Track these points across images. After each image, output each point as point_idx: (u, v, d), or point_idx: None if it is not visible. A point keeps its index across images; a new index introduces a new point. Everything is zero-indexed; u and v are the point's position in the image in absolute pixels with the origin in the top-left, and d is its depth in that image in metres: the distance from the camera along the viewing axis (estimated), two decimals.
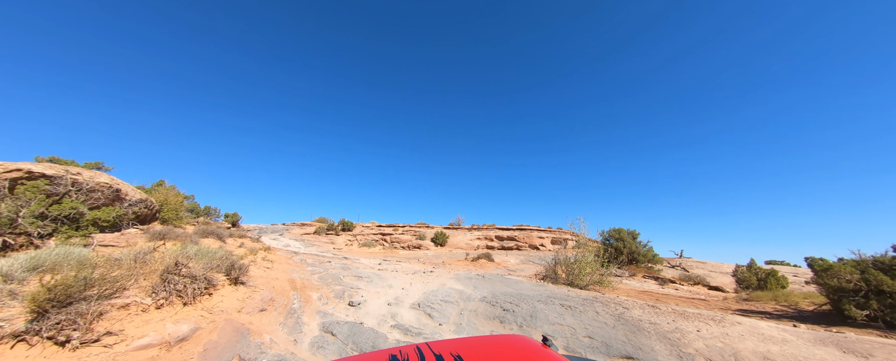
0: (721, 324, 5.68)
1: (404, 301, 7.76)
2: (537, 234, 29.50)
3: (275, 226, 26.53)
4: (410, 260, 20.27)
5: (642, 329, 5.38)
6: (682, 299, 13.14)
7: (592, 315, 6.14)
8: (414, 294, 8.62)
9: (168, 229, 10.47)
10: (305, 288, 7.75)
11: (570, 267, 12.93)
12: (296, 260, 13.94)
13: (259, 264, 10.13)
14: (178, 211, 12.89)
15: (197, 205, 16.82)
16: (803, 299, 11.54)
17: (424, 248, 24.83)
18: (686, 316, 6.10)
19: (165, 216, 12.53)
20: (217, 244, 11.16)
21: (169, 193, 13.23)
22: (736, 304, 11.71)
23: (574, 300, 7.42)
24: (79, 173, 9.24)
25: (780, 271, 20.50)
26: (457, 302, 7.59)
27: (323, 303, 6.81)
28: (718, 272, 26.75)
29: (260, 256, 11.24)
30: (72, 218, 7.15)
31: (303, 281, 8.76)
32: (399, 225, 29.29)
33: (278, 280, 8.19)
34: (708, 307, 11.37)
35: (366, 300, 7.66)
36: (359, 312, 6.66)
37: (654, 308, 6.63)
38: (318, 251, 21.09)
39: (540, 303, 6.96)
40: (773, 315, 9.27)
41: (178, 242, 9.68)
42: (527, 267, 21.60)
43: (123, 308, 3.89)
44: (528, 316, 6.11)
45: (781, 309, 10.29)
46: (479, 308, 7.11)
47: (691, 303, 12.04)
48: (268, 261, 11.02)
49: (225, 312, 4.78)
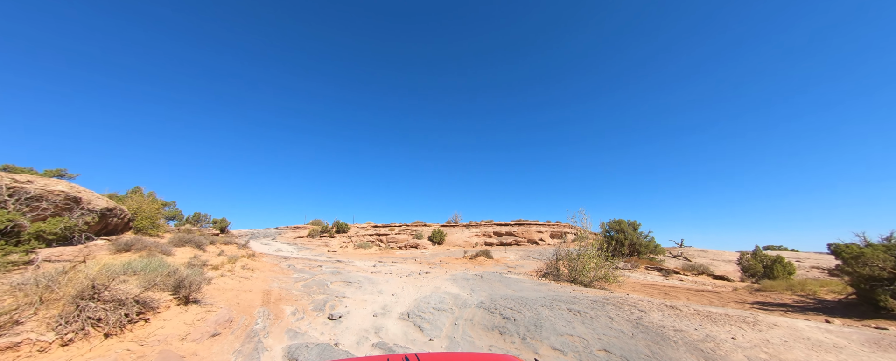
0: (756, 328, 4.82)
1: (393, 311, 6.86)
2: (536, 229, 28.69)
3: (267, 231, 25.52)
4: (407, 261, 19.38)
5: (667, 337, 4.51)
6: (693, 292, 12.34)
7: (606, 321, 5.26)
8: (405, 300, 7.73)
9: (137, 239, 9.50)
10: (280, 301, 6.82)
11: (573, 262, 12.09)
12: (283, 266, 13.01)
13: (236, 274, 9.19)
14: (155, 219, 11.90)
15: (179, 212, 15.82)
16: (821, 287, 10.77)
17: (422, 247, 23.94)
18: (713, 319, 5.24)
19: (140, 225, 11.53)
20: (191, 254, 10.20)
21: (143, 200, 12.22)
22: (750, 296, 10.91)
23: (582, 302, 6.55)
24: (29, 181, 8.24)
25: (784, 257, 19.80)
26: (451, 310, 6.69)
27: (297, 319, 5.89)
28: (721, 260, 26.06)
29: (239, 264, 10.29)
30: (7, 232, 6.17)
31: (281, 291, 7.83)
32: (395, 225, 28.38)
33: (252, 292, 7.26)
34: (721, 300, 10.56)
35: (349, 311, 6.75)
36: (338, 328, 5.75)
37: (674, 310, 5.77)
38: (311, 255, 20.16)
39: (544, 309, 6.08)
40: (795, 308, 8.46)
41: (144, 253, 8.73)
42: (527, 263, 20.76)
43: (11, 350, 2.98)
44: (532, 326, 5.23)
45: (801, 301, 9.49)
46: (476, 316, 6.23)
47: (703, 297, 11.23)
48: (248, 270, 10.08)
49: (163, 341, 3.86)
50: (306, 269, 12.64)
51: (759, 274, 19.28)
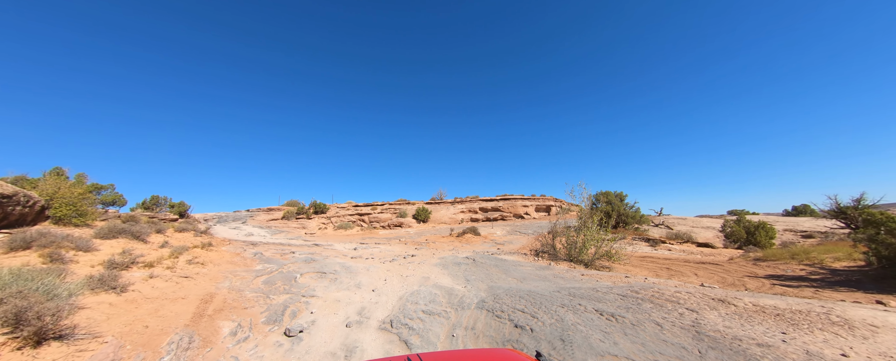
0: (856, 332, 3.57)
1: (372, 316, 5.28)
2: (521, 203, 27.67)
3: (238, 214, 23.11)
4: (390, 242, 17.84)
5: (751, 357, 3.16)
6: (692, 265, 11.52)
7: (653, 330, 3.88)
8: (388, 298, 6.17)
9: (43, 232, 7.33)
10: (221, 312, 5.08)
11: (571, 239, 10.88)
12: (248, 254, 11.11)
13: (177, 271, 7.29)
14: (79, 205, 9.57)
15: (119, 197, 13.32)
16: (825, 255, 10.10)
17: (406, 226, 22.41)
18: (788, 319, 3.96)
19: (59, 213, 9.22)
20: (123, 247, 8.14)
21: (63, 184, 9.79)
22: (755, 267, 10.11)
23: (609, 299, 5.17)
24: None
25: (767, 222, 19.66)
26: (445, 313, 5.18)
27: (237, 341, 4.20)
28: (700, 227, 26.07)
29: (185, 259, 8.33)
30: None
31: (228, 295, 6.06)
32: (377, 204, 26.57)
33: (185, 299, 5.44)
34: (729, 274, 9.69)
35: (314, 320, 5.12)
36: (295, 350, 4.12)
37: (728, 307, 4.47)
38: (286, 239, 18.21)
39: (566, 311, 4.65)
40: (821, 282, 7.57)
41: (48, 250, 6.65)
42: (515, 239, 19.71)
43: None
44: (558, 341, 3.77)
45: (817, 272, 8.68)
46: (478, 322, 4.74)
47: (708, 270, 10.37)
48: (195, 265, 8.16)
49: None
50: (276, 257, 10.83)
51: (743, 240, 19.18)
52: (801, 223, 25.59)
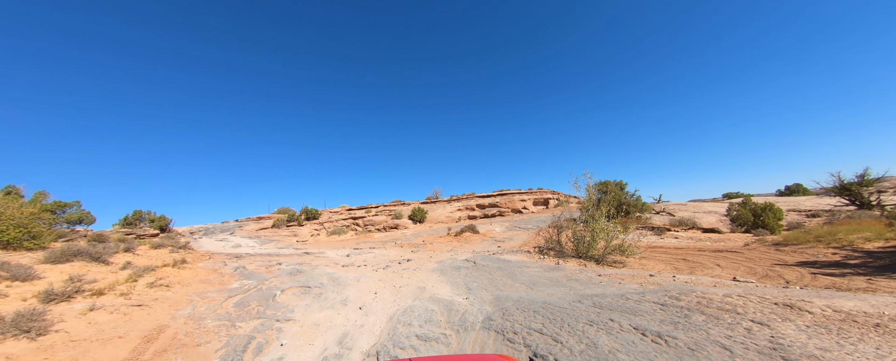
0: None
1: (354, 346, 4.24)
2: (519, 197, 26.74)
3: (226, 225, 21.87)
4: (385, 245, 16.78)
5: None
6: (709, 254, 10.61)
7: (720, 357, 2.88)
8: (376, 319, 5.13)
9: None
10: (163, 354, 3.98)
11: (578, 234, 9.90)
12: (227, 270, 9.99)
13: (132, 298, 6.17)
14: (29, 226, 8.40)
15: (87, 214, 12.10)
16: (853, 235, 9.25)
17: (402, 228, 21.34)
18: (884, 330, 3.00)
19: (5, 237, 8.03)
20: (72, 273, 6.98)
21: (10, 204, 8.60)
22: (780, 253, 9.21)
23: (646, 309, 4.17)
24: None
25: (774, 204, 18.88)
26: (444, 337, 4.15)
27: None
28: (702, 212, 25.24)
29: (145, 281, 7.20)
30: None
31: (184, 326, 4.97)
32: (372, 207, 25.45)
33: (122, 338, 4.35)
34: (748, 260, 8.78)
35: (283, 356, 4.07)
36: None
37: (799, 313, 3.50)
38: (275, 248, 17.06)
39: (596, 330, 3.64)
40: (856, 267, 6.68)
41: None
42: (516, 235, 18.72)
43: None
44: None
45: (855, 256, 7.78)
46: (485, 349, 3.71)
47: (724, 258, 9.45)
48: (159, 288, 7.04)
49: None
50: (259, 271, 9.73)
51: (750, 224, 18.38)
52: (802, 202, 24.89)
